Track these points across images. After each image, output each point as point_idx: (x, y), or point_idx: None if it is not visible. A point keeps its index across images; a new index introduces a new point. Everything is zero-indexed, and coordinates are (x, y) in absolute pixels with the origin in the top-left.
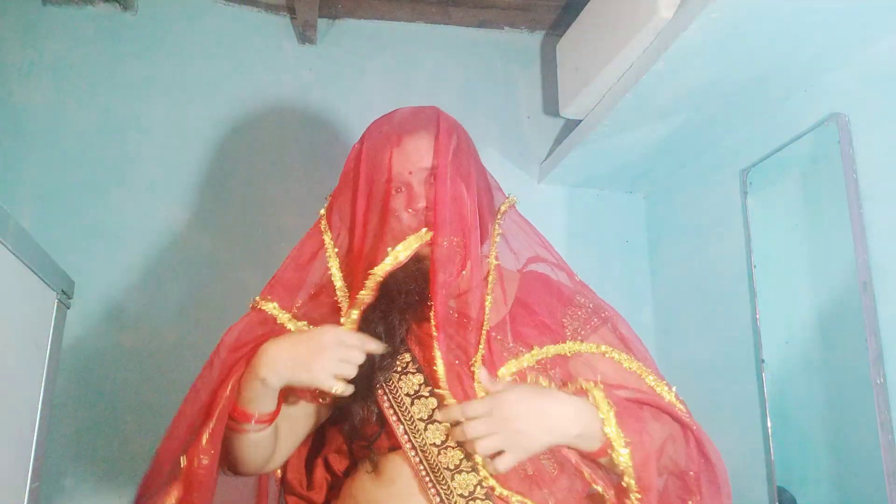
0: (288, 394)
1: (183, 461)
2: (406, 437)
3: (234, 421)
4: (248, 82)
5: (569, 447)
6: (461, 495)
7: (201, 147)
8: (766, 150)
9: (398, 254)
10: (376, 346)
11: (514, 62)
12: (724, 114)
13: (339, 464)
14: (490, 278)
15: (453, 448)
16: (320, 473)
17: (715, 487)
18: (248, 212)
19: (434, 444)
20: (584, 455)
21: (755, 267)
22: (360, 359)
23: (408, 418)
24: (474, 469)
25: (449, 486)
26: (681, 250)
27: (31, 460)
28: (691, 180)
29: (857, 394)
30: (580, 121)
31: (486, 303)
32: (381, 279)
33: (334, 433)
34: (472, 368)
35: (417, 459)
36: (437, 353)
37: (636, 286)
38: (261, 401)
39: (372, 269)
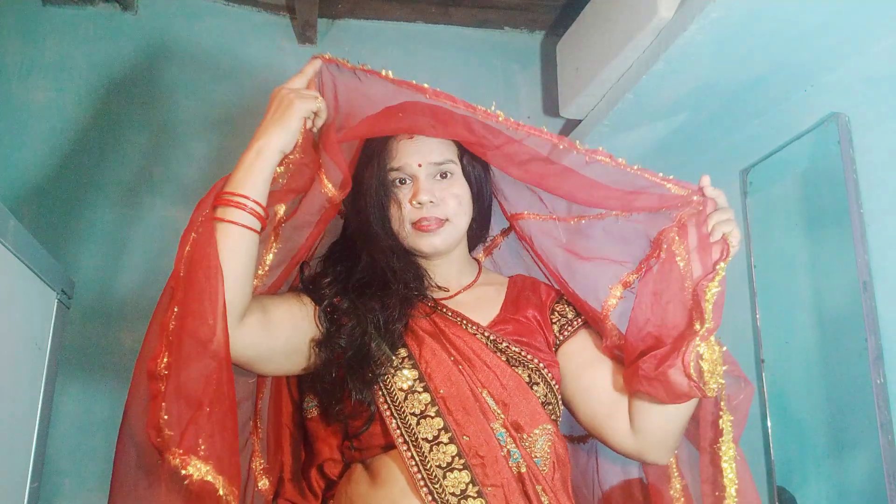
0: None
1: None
2: (399, 431)
3: (222, 206)
4: (248, 82)
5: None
6: (453, 493)
7: (201, 146)
8: (766, 150)
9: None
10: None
11: (514, 62)
12: (724, 114)
13: (334, 469)
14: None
15: (445, 444)
16: (315, 483)
17: None
18: None
19: (426, 440)
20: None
21: (755, 267)
22: (310, 92)
23: (401, 413)
24: (466, 467)
25: (441, 484)
26: None
27: (31, 460)
28: (691, 180)
29: (857, 394)
30: (580, 121)
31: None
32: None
33: (328, 438)
34: None
35: (410, 455)
36: None
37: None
38: (252, 178)
39: None
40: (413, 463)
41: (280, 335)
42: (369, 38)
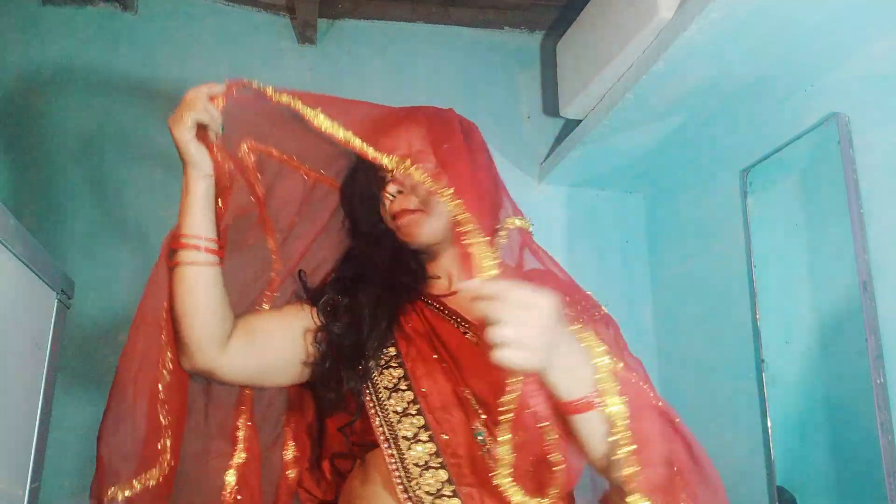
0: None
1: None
2: (381, 429)
3: (180, 250)
4: None
5: (552, 387)
6: (428, 493)
7: None
8: (766, 150)
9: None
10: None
11: (514, 62)
12: (724, 114)
13: (344, 464)
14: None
15: (424, 442)
16: (329, 474)
17: (710, 491)
18: None
19: (405, 438)
20: (563, 407)
21: (755, 267)
22: (202, 100)
23: (384, 410)
24: (443, 466)
25: (417, 482)
26: (681, 250)
27: (31, 460)
28: (691, 180)
29: (857, 394)
30: (580, 121)
31: None
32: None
33: (337, 433)
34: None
35: (390, 452)
36: None
37: (636, 286)
38: (192, 216)
39: None
40: (393, 461)
41: (267, 354)
42: (369, 38)
